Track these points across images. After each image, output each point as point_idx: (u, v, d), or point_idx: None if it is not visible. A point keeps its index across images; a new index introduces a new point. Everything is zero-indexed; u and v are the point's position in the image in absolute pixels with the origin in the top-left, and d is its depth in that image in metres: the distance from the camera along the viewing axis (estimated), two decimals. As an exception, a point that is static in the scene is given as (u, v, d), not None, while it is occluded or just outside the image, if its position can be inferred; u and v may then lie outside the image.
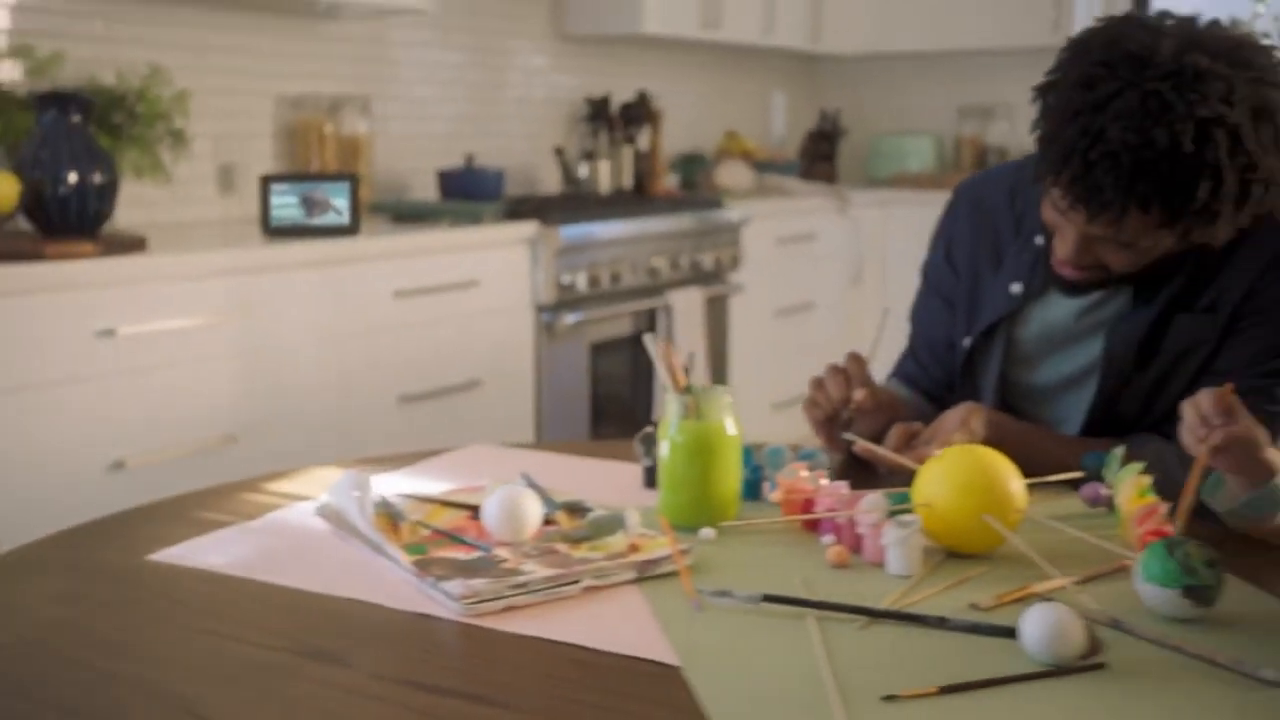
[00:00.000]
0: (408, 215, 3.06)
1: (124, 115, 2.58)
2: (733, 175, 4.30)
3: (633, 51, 4.30)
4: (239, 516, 1.21)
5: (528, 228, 3.01)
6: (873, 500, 1.10)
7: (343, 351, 2.59)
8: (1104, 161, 1.20)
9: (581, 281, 3.11)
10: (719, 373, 3.70)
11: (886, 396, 1.42)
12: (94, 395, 2.16)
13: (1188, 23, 1.26)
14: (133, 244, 2.31)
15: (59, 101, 2.27)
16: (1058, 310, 1.45)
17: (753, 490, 1.26)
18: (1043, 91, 1.28)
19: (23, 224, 2.31)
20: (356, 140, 3.25)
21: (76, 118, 2.28)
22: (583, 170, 3.80)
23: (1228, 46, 1.22)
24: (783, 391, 4.04)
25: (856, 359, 1.40)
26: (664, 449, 1.19)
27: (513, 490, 1.12)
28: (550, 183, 3.97)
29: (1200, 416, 1.07)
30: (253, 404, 2.42)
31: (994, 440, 1.31)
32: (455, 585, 0.99)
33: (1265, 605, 1.00)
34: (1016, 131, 4.79)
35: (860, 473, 1.33)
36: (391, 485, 1.31)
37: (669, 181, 4.21)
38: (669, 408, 1.19)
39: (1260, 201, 1.23)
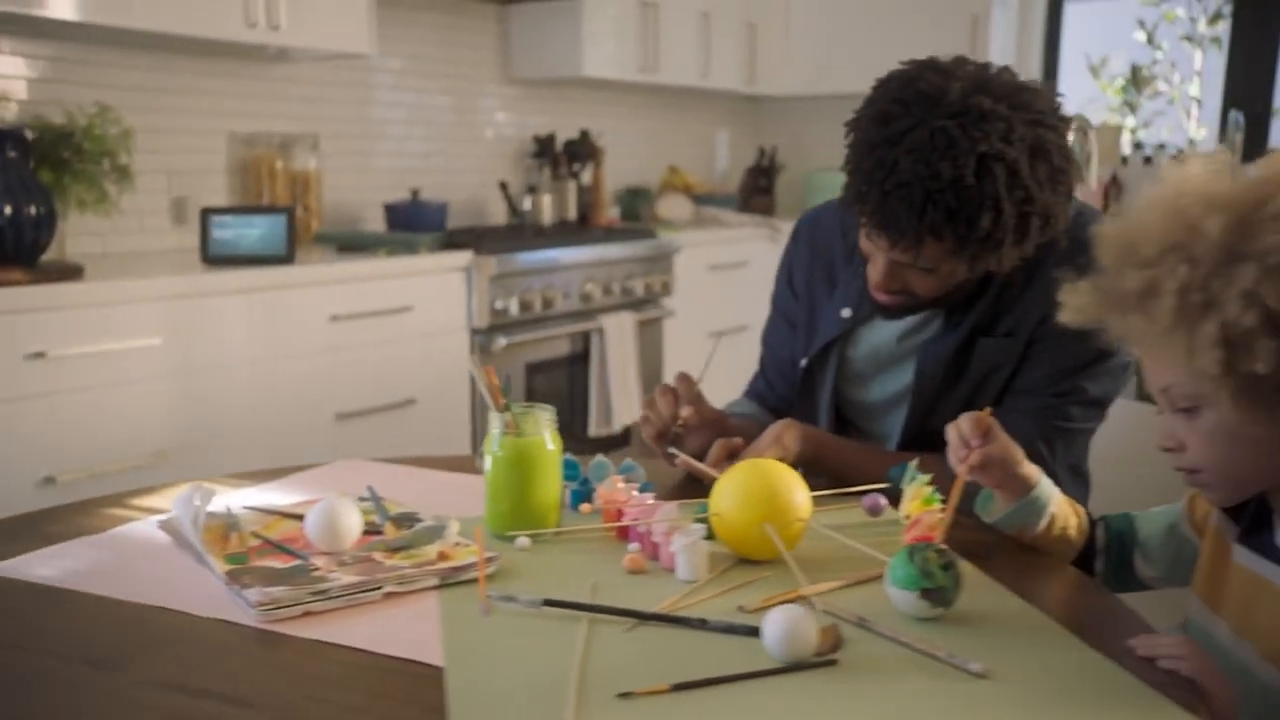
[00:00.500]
0: (350, 245, 3.06)
1: (71, 151, 2.58)
2: (673, 208, 4.32)
3: (579, 92, 4.32)
4: (88, 530, 1.21)
5: (462, 256, 3.02)
6: (667, 510, 1.10)
7: (278, 372, 2.59)
8: (898, 192, 1.21)
9: (514, 306, 3.12)
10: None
11: (713, 414, 1.43)
12: (24, 415, 2.15)
13: (980, 68, 1.27)
14: (68, 272, 2.31)
15: (-3, 138, 2.27)
16: (882, 333, 1.46)
17: (581, 500, 1.26)
18: (850, 127, 1.30)
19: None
20: (306, 175, 3.26)
21: (13, 153, 2.29)
22: (527, 204, 3.81)
23: (1010, 90, 1.23)
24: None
25: (685, 379, 1.40)
26: (487, 463, 1.19)
27: (334, 503, 1.12)
28: (497, 216, 3.98)
29: (961, 438, 1.08)
30: (186, 422, 2.41)
31: (809, 454, 1.32)
32: (254, 592, 0.99)
33: (1003, 604, 1.00)
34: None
35: (694, 485, 1.33)
36: (247, 498, 1.30)
37: (611, 214, 4.22)
38: (491, 425, 1.19)
39: (1040, 231, 1.24)
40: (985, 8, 4.59)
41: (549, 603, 0.98)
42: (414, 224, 3.32)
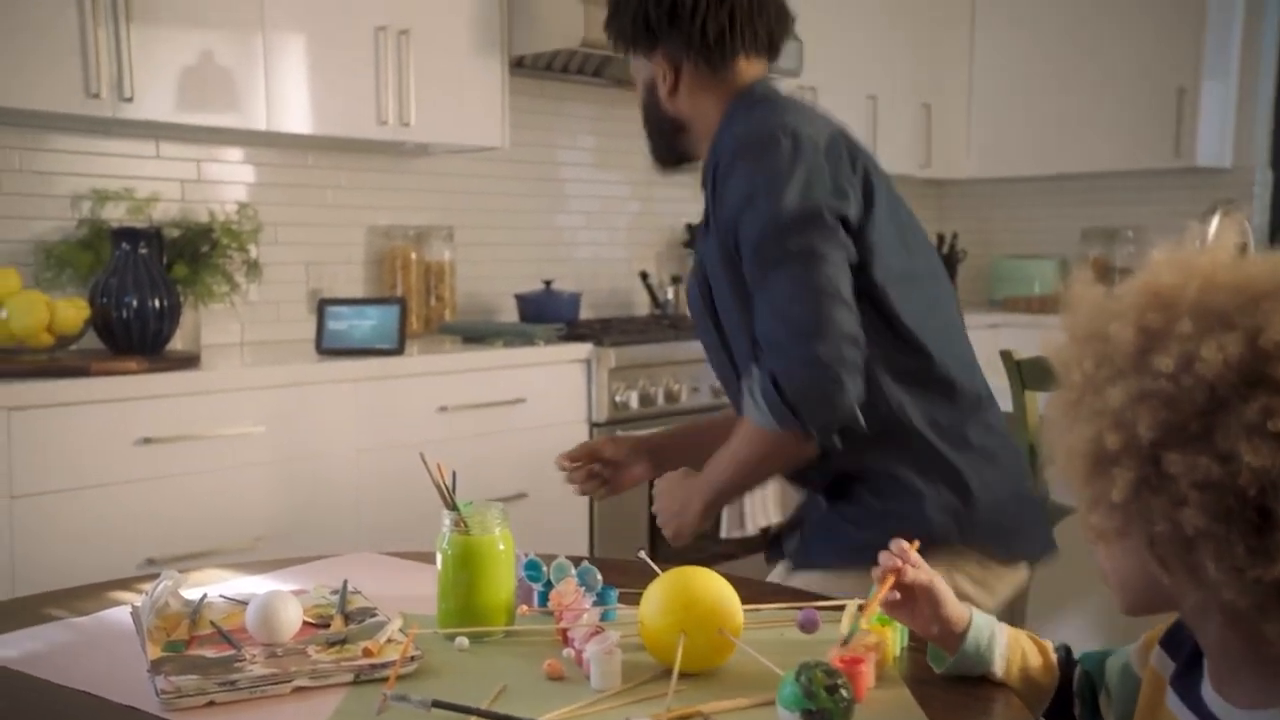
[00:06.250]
0: (473, 336, 3.21)
1: (208, 246, 2.85)
2: (831, 297, 4.28)
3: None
4: (78, 613, 1.31)
5: (583, 348, 3.11)
6: (590, 616, 1.11)
7: (382, 462, 2.73)
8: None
9: (634, 400, 3.17)
10: (791, 495, 3.64)
11: (633, 441, 1.73)
12: (130, 498, 2.35)
13: None
14: (183, 361, 2.53)
15: (131, 236, 2.53)
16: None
17: (545, 600, 1.28)
18: None
19: (96, 343, 2.57)
20: (441, 266, 3.45)
21: (145, 250, 2.54)
22: (670, 293, 3.88)
23: None
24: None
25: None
26: (438, 560, 1.23)
27: (273, 596, 1.18)
28: (642, 306, 4.07)
29: (887, 559, 1.05)
30: (286, 509, 2.57)
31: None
32: (162, 680, 1.06)
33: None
34: (1142, 253, 4.59)
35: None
36: (238, 586, 1.39)
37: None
38: (442, 523, 1.24)
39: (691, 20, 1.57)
40: (1194, 80, 4.36)
41: (437, 704, 1.00)
42: (545, 314, 3.45)
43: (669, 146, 1.69)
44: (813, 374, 1.42)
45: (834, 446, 1.47)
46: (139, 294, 2.50)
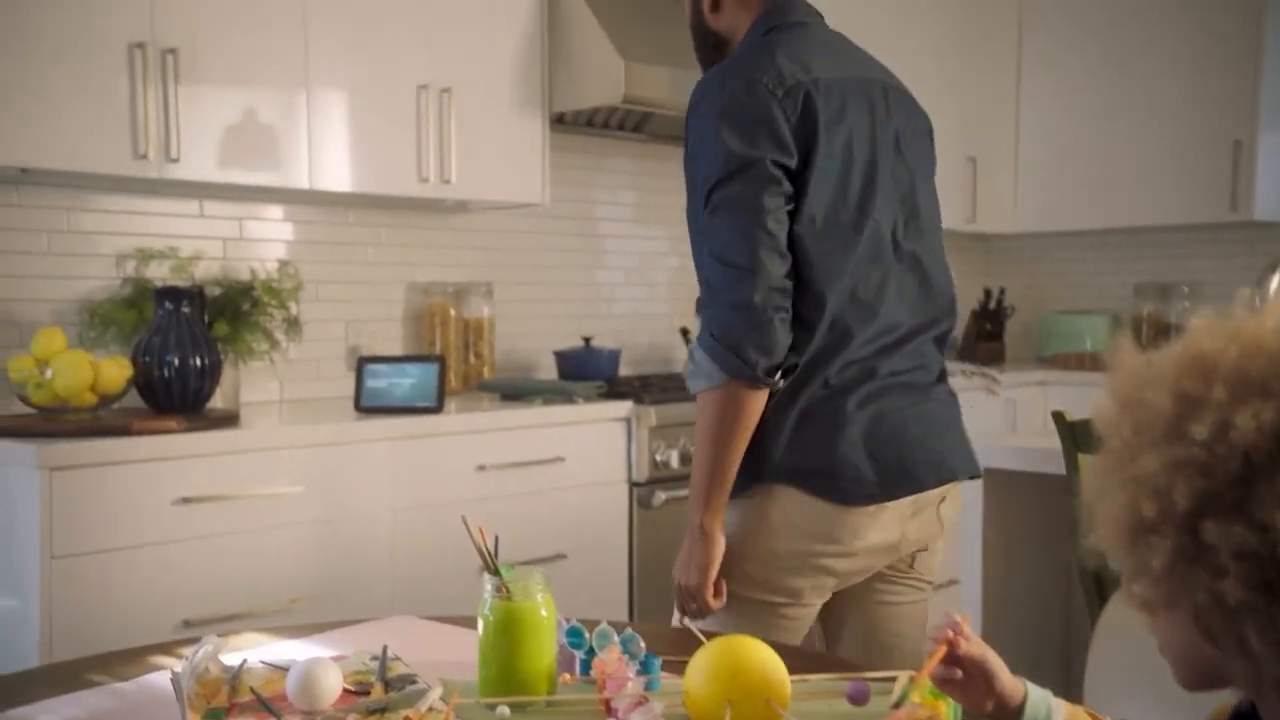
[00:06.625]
0: (512, 394, 3.24)
1: (249, 304, 2.91)
2: (876, 354, 4.29)
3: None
4: (118, 678, 1.34)
5: (622, 406, 3.13)
6: (634, 685, 1.12)
7: (420, 522, 2.76)
8: None
9: (675, 459, 3.19)
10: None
11: None
12: (167, 558, 2.39)
13: None
14: (223, 420, 2.58)
15: (174, 295, 2.60)
16: None
17: (587, 668, 1.30)
18: None
19: (137, 401, 2.63)
20: (480, 323, 3.50)
21: (187, 309, 2.60)
22: (711, 350, 3.90)
23: None
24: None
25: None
26: (479, 626, 1.25)
27: (312, 662, 1.21)
28: (681, 362, 4.09)
29: (939, 631, 1.06)
30: (323, 569, 2.61)
31: None
32: (198, 747, 1.08)
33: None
34: (1198, 309, 4.57)
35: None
36: (278, 651, 1.42)
37: (806, 360, 4.25)
38: (483, 588, 1.26)
39: None
40: (1251, 132, 4.36)
41: (478, 776, 1.02)
42: (584, 372, 3.48)
43: (712, 62, 1.78)
44: (745, 316, 1.55)
45: (779, 388, 1.62)
46: (180, 352, 2.56)
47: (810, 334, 1.62)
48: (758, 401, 1.59)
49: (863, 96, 1.68)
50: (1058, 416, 2.26)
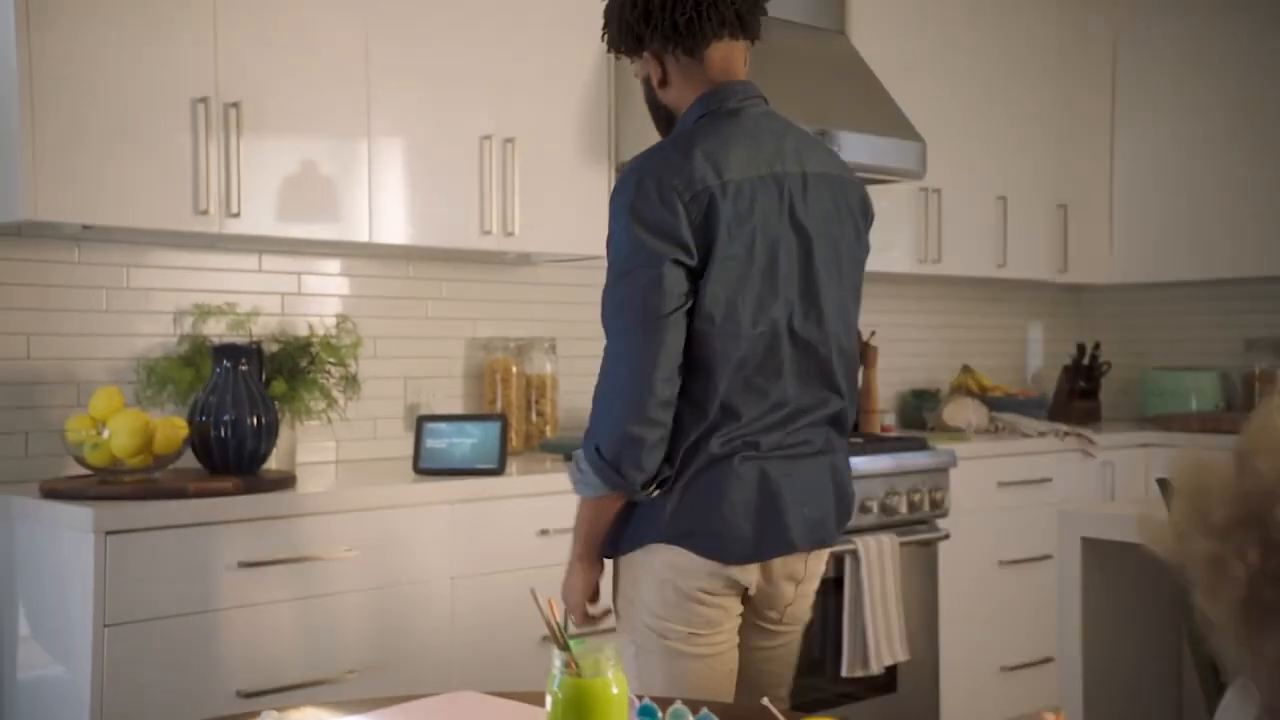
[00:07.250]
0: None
1: (307, 361, 2.94)
2: (961, 413, 4.24)
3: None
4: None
5: (693, 468, 3.10)
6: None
7: (480, 590, 2.75)
8: None
9: (748, 525, 3.14)
10: (929, 629, 3.57)
11: None
12: (224, 626, 2.40)
13: None
14: (279, 482, 2.60)
15: (231, 353, 2.63)
16: None
17: (661, 752, 1.27)
18: None
19: (192, 461, 2.66)
20: (542, 379, 3.50)
21: (245, 366, 2.63)
22: (786, 409, 3.87)
23: None
24: (1009, 654, 3.83)
25: None
26: (547, 703, 1.23)
27: (373, 737, 1.19)
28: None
29: None
30: (379, 639, 2.60)
31: None
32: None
33: None
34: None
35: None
36: (335, 726, 1.41)
37: (886, 420, 4.20)
38: (552, 663, 1.24)
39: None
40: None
41: None
42: (653, 432, 3.45)
43: (665, 132, 2.02)
44: (629, 440, 1.78)
45: (652, 495, 1.85)
46: (237, 412, 2.59)
47: (702, 414, 1.82)
48: (622, 500, 1.88)
49: (774, 193, 1.86)
50: (1163, 484, 2.19)
